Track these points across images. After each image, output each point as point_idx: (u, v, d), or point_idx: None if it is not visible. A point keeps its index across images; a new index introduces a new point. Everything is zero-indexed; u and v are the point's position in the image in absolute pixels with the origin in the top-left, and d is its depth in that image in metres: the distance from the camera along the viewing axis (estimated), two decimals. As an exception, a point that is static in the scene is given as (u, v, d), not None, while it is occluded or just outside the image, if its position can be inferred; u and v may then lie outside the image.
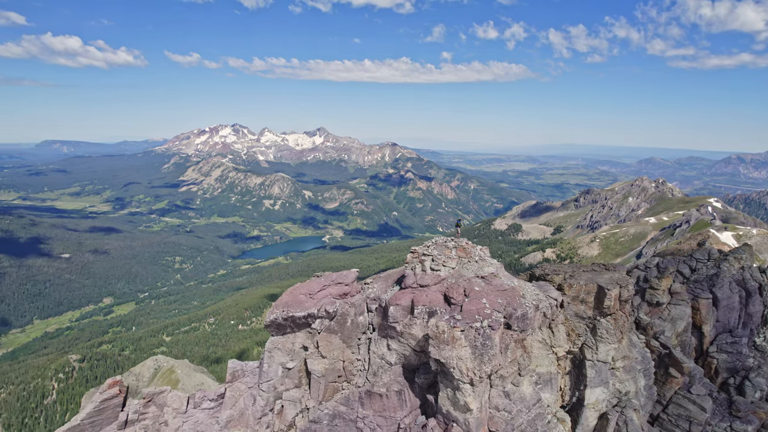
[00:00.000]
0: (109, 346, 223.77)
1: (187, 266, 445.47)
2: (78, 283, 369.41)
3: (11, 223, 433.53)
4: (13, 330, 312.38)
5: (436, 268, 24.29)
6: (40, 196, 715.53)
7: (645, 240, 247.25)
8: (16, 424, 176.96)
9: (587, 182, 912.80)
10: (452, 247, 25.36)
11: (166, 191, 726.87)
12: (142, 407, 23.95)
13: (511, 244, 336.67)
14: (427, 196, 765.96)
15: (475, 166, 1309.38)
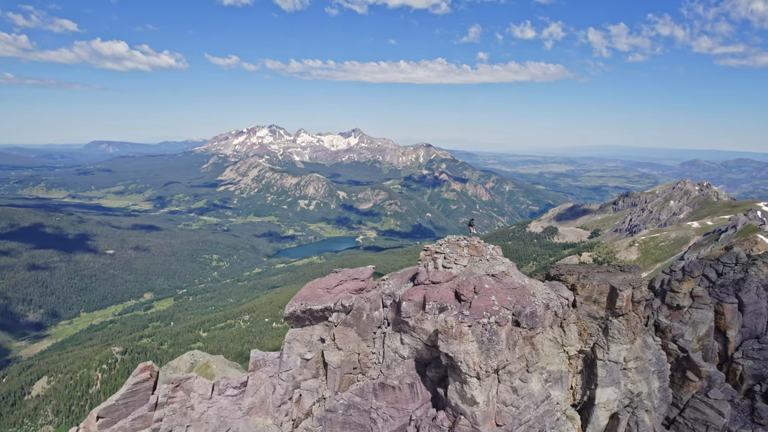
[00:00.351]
0: (149, 339, 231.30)
1: (223, 264, 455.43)
2: (121, 278, 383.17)
3: (61, 220, 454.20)
4: (62, 322, 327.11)
5: (447, 266, 25.06)
6: (88, 194, 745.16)
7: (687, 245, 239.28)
8: (65, 411, 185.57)
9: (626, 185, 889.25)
10: (464, 246, 26.03)
11: (205, 191, 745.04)
12: (170, 391, 25.57)
13: (546, 247, 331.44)
14: (462, 198, 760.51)
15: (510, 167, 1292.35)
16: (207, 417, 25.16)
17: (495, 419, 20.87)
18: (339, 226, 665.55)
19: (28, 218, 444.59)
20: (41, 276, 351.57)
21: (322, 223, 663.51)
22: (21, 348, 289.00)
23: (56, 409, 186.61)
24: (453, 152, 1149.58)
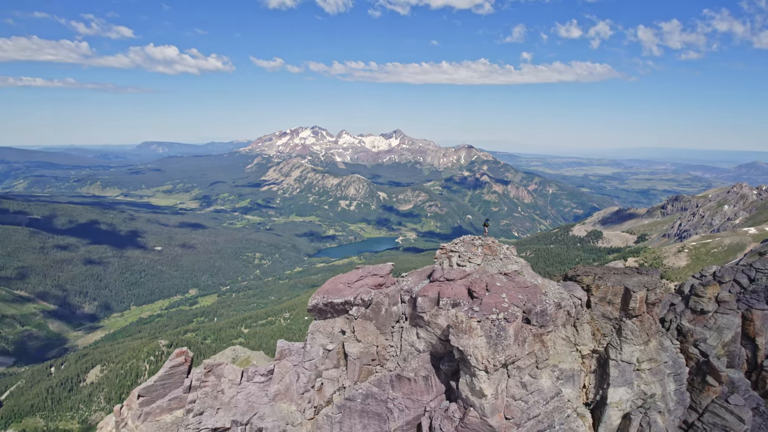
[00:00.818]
0: (193, 334, 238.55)
1: (266, 262, 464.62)
2: (168, 274, 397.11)
3: (114, 217, 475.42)
4: (114, 314, 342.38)
5: (462, 264, 25.98)
6: (139, 193, 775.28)
7: (743, 252, 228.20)
8: (116, 399, 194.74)
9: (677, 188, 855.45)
10: (479, 245, 26.88)
11: (249, 190, 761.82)
12: (203, 376, 27.47)
13: (590, 251, 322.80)
14: (503, 200, 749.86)
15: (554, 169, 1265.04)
16: (236, 401, 26.97)
17: (504, 412, 21.66)
18: (379, 227, 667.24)
19: (85, 215, 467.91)
20: (96, 270, 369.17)
21: (362, 224, 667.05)
22: (77, 337, 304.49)
23: (108, 396, 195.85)
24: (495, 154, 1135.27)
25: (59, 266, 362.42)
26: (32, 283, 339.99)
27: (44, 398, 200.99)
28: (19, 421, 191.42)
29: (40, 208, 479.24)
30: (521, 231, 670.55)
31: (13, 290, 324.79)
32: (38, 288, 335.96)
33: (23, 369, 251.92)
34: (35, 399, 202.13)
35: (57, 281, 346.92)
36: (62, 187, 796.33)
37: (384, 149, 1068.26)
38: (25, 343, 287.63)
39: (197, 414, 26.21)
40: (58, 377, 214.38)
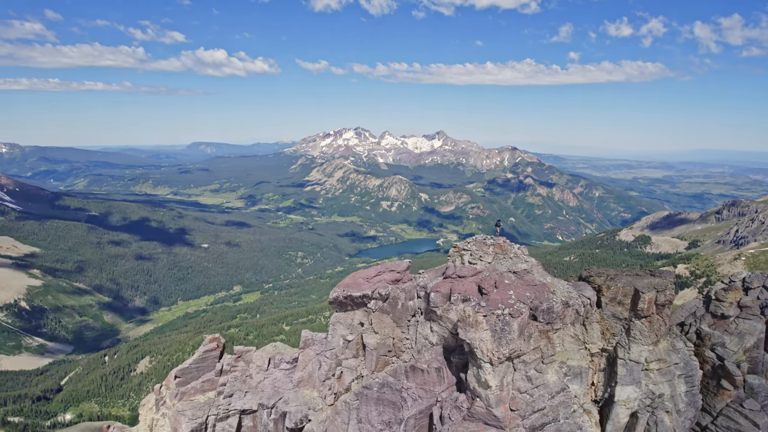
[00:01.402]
0: (236, 330, 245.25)
1: (307, 261, 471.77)
2: (214, 271, 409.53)
3: (164, 215, 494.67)
4: (162, 308, 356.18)
5: (473, 262, 27.12)
6: (187, 192, 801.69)
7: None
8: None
9: (734, 193, 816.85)
10: (490, 244, 27.93)
11: (292, 190, 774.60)
12: (233, 361, 29.68)
13: (637, 257, 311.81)
14: (547, 203, 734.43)
15: (601, 172, 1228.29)
16: (263, 386, 29.00)
17: (509, 404, 22.69)
18: (420, 228, 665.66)
19: (138, 213, 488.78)
20: (146, 266, 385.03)
21: (403, 225, 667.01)
22: (129, 329, 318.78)
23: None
24: (539, 156, 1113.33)
25: (113, 261, 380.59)
26: (89, 276, 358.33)
27: (99, 385, 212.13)
28: (77, 405, 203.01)
29: (97, 205, 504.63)
30: (566, 235, 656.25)
31: (72, 282, 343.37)
32: (95, 281, 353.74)
33: (80, 357, 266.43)
34: (91, 385, 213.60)
35: (111, 275, 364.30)
36: (117, 185, 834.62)
37: (426, 150, 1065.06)
38: (82, 333, 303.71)
39: (227, 396, 28.45)
40: (111, 366, 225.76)
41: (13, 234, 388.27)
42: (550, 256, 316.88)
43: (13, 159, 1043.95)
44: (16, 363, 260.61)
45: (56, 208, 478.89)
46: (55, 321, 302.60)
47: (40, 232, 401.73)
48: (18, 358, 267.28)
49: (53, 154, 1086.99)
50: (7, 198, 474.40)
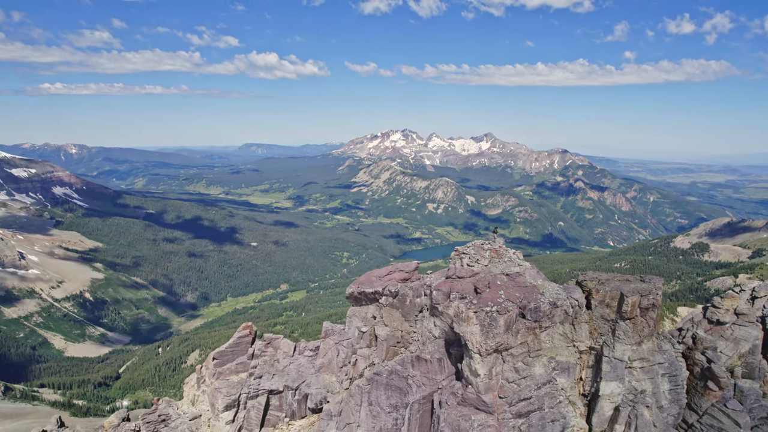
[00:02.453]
0: (282, 327, 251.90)
1: (353, 262, 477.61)
2: (262, 269, 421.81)
3: (216, 214, 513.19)
4: (212, 304, 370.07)
5: (471, 264, 30.01)
6: (238, 192, 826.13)
7: None
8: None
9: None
10: (487, 249, 30.69)
11: (339, 191, 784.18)
12: (263, 347, 33.70)
13: (693, 265, 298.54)
14: (598, 207, 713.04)
15: (657, 176, 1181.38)
16: (288, 370, 32.85)
17: (498, 392, 25.48)
18: (466, 231, 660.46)
19: (191, 211, 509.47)
20: (198, 263, 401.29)
21: (449, 228, 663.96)
22: (180, 323, 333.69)
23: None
24: (591, 158, 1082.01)
25: (167, 257, 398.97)
26: (145, 271, 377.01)
27: (153, 375, 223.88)
28: (133, 392, 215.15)
29: (154, 203, 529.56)
30: (617, 240, 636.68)
31: (131, 276, 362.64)
32: (150, 276, 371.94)
33: (137, 347, 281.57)
34: (146, 375, 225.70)
35: (165, 271, 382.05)
36: (173, 184, 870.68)
37: (474, 153, 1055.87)
38: (138, 325, 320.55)
39: (257, 377, 32.48)
40: (164, 357, 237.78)
41: (79, 229, 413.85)
42: (599, 262, 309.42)
43: (81, 159, 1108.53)
44: (81, 350, 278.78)
45: (117, 206, 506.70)
46: (115, 312, 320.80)
47: (103, 228, 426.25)
48: (82, 346, 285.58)
49: (116, 154, 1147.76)
50: (76, 196, 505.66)
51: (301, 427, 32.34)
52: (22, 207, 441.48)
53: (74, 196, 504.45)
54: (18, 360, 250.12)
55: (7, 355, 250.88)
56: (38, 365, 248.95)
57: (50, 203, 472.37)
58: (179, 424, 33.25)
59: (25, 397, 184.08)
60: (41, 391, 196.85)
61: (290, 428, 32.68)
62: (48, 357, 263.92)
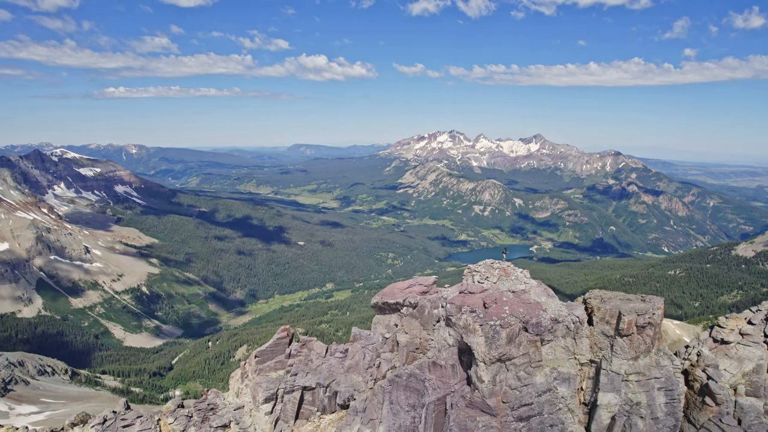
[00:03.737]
0: (327, 325, 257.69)
1: (398, 263, 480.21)
2: (308, 268, 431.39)
3: (264, 213, 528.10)
4: (259, 301, 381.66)
5: (481, 281, 33.02)
6: (287, 191, 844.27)
7: None
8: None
9: None
10: (496, 268, 33.58)
11: (385, 192, 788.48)
12: (299, 348, 37.87)
13: (758, 275, 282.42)
14: (653, 212, 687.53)
15: (718, 179, 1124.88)
16: (320, 369, 36.87)
17: (501, 397, 28.46)
18: (513, 234, 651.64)
19: (241, 210, 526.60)
20: (246, 260, 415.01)
21: (495, 230, 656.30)
22: (229, 318, 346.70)
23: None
24: (646, 161, 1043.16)
25: (218, 254, 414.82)
26: (197, 267, 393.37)
27: (203, 367, 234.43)
28: (184, 383, 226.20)
29: (206, 202, 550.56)
30: (672, 246, 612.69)
31: (184, 272, 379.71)
32: (202, 272, 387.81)
33: (188, 341, 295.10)
34: (196, 367, 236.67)
35: (216, 267, 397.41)
36: (225, 183, 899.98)
37: (522, 154, 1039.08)
38: (190, 319, 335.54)
39: (293, 374, 36.70)
40: (214, 351, 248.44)
41: (138, 226, 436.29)
42: (652, 269, 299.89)
43: (140, 159, 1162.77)
44: (137, 341, 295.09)
45: (172, 204, 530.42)
46: (169, 306, 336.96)
47: (158, 225, 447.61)
48: (139, 337, 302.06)
49: (171, 154, 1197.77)
50: (135, 194, 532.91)
51: (331, 420, 36.30)
52: (88, 204, 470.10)
53: (133, 194, 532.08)
54: (82, 347, 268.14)
55: (72, 342, 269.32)
56: (100, 353, 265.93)
57: (112, 201, 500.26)
58: (225, 413, 37.89)
59: (89, 382, 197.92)
60: (103, 378, 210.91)
61: (321, 421, 36.72)
62: (109, 345, 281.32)
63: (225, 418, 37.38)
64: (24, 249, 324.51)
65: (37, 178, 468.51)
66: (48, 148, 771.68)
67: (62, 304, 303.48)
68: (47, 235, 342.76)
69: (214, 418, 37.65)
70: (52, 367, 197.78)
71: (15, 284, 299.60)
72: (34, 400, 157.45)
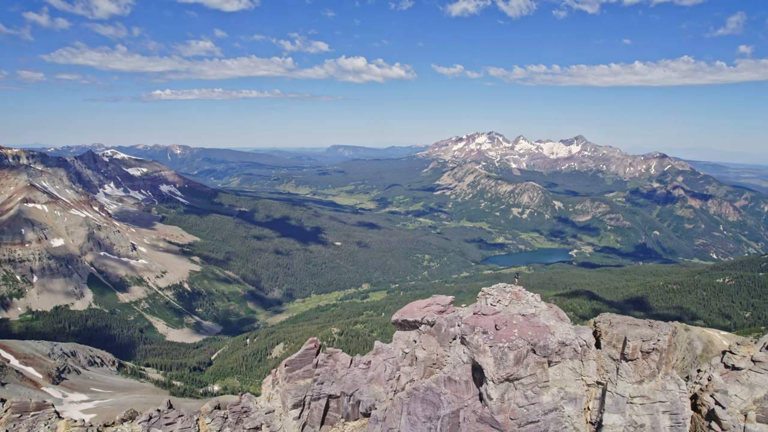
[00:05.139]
0: (362, 326, 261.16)
1: (434, 265, 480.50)
2: (345, 268, 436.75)
3: (302, 214, 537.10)
4: (296, 300, 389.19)
5: (493, 304, 34.87)
6: (325, 192, 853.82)
7: None
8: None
9: None
10: (508, 292, 35.35)
11: (422, 194, 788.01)
12: (325, 358, 40.70)
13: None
14: (700, 217, 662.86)
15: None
16: (345, 379, 39.52)
17: (509, 414, 30.31)
18: (552, 238, 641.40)
19: (280, 210, 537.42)
20: (283, 260, 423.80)
21: (534, 233, 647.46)
22: (267, 317, 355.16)
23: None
24: (694, 163, 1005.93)
25: (256, 254, 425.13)
26: (236, 266, 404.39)
27: (240, 364, 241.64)
28: (223, 379, 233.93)
29: (247, 202, 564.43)
30: (722, 253, 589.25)
31: (224, 270, 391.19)
32: (241, 271, 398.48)
33: (226, 337, 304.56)
34: (234, 363, 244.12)
35: (254, 266, 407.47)
36: (265, 184, 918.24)
37: (563, 156, 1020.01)
38: (228, 316, 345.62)
39: (319, 383, 39.53)
40: (251, 348, 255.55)
41: (181, 224, 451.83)
42: (699, 276, 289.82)
43: (185, 159, 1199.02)
44: (179, 336, 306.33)
45: (214, 204, 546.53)
46: (209, 303, 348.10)
47: (200, 224, 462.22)
48: (180, 332, 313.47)
49: (214, 155, 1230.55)
50: (179, 193, 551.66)
51: (354, 427, 38.93)
52: (135, 203, 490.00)
53: (177, 194, 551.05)
54: (128, 340, 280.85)
55: (119, 335, 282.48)
56: (144, 346, 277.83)
57: (157, 200, 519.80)
58: (257, 416, 41.05)
59: (134, 374, 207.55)
60: (147, 370, 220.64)
61: (345, 428, 39.42)
62: (152, 339, 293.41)
63: (257, 421, 40.49)
64: (77, 245, 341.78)
65: (90, 178, 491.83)
66: (100, 149, 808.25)
67: (110, 298, 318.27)
68: (98, 232, 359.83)
69: (247, 421, 40.85)
70: (101, 358, 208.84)
71: (68, 278, 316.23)
72: (84, 389, 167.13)
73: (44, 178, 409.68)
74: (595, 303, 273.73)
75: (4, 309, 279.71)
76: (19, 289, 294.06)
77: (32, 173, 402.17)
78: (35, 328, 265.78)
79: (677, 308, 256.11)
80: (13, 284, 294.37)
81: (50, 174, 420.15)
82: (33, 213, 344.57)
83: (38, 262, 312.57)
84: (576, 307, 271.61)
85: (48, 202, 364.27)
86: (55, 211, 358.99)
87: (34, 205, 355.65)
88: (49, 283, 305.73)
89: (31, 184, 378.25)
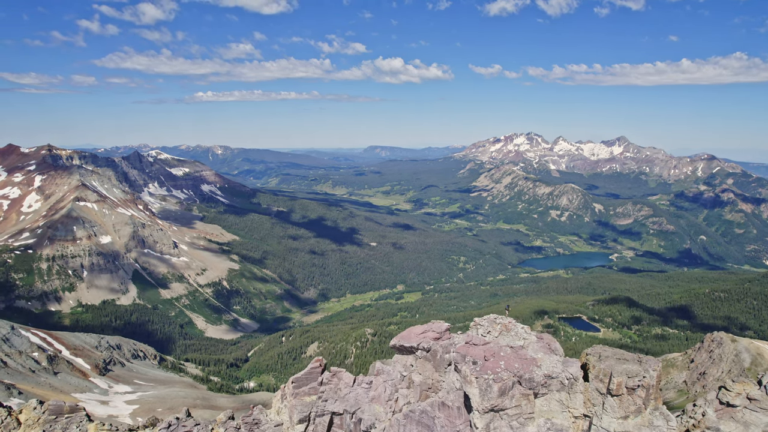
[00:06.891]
0: (395, 327, 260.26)
1: (469, 267, 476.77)
2: (379, 269, 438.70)
3: (338, 214, 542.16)
4: (331, 300, 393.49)
5: (484, 335, 35.99)
6: (361, 192, 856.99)
7: None
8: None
9: None
10: (498, 323, 36.37)
11: (459, 195, 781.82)
12: (330, 377, 42.82)
13: None
14: (752, 221, 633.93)
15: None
16: (348, 397, 41.52)
17: (495, 443, 31.56)
18: (591, 242, 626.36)
19: (316, 211, 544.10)
20: (319, 260, 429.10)
21: (572, 237, 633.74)
22: (302, 316, 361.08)
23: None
24: (746, 165, 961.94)
25: (293, 253, 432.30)
26: (272, 265, 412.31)
27: (276, 361, 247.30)
28: (258, 376, 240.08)
29: (284, 202, 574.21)
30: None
31: (261, 269, 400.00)
32: (277, 270, 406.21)
33: (262, 335, 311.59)
34: (270, 361, 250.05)
35: (290, 266, 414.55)
36: (302, 184, 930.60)
37: (604, 158, 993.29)
38: (265, 314, 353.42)
39: (324, 400, 41.68)
40: (287, 346, 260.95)
41: (220, 223, 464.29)
42: (749, 284, 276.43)
43: (225, 159, 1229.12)
44: (217, 332, 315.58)
45: (252, 204, 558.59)
46: (246, 301, 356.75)
47: (239, 223, 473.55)
48: (218, 328, 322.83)
49: (253, 155, 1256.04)
50: (219, 193, 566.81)
51: (356, 444, 41.04)
52: (177, 202, 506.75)
53: (218, 193, 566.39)
54: (168, 335, 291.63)
55: (160, 330, 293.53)
56: (184, 341, 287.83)
57: (198, 199, 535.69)
58: (267, 428, 43.56)
59: (174, 368, 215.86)
60: (186, 365, 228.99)
61: (348, 443, 41.59)
62: (192, 335, 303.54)
63: (267, 433, 43.13)
64: (122, 243, 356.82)
65: (135, 178, 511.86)
66: (146, 149, 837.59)
67: (152, 294, 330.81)
68: (142, 230, 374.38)
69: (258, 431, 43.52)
70: (143, 352, 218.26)
71: (114, 274, 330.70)
72: (128, 381, 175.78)
73: (94, 177, 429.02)
74: (635, 310, 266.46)
75: (57, 302, 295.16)
76: (70, 283, 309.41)
77: (83, 173, 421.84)
78: (84, 321, 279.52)
79: (724, 318, 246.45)
80: (65, 279, 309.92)
81: (99, 174, 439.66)
82: (84, 211, 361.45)
83: (88, 258, 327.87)
84: (615, 313, 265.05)
85: (97, 200, 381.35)
86: (104, 210, 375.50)
87: (85, 203, 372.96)
88: (97, 279, 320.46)
89: (82, 184, 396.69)
